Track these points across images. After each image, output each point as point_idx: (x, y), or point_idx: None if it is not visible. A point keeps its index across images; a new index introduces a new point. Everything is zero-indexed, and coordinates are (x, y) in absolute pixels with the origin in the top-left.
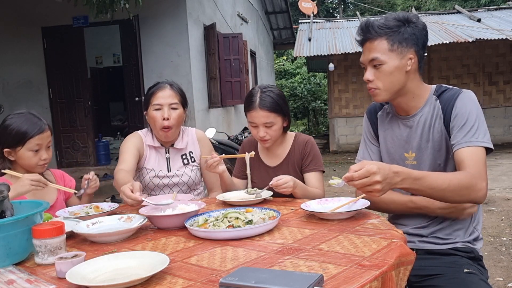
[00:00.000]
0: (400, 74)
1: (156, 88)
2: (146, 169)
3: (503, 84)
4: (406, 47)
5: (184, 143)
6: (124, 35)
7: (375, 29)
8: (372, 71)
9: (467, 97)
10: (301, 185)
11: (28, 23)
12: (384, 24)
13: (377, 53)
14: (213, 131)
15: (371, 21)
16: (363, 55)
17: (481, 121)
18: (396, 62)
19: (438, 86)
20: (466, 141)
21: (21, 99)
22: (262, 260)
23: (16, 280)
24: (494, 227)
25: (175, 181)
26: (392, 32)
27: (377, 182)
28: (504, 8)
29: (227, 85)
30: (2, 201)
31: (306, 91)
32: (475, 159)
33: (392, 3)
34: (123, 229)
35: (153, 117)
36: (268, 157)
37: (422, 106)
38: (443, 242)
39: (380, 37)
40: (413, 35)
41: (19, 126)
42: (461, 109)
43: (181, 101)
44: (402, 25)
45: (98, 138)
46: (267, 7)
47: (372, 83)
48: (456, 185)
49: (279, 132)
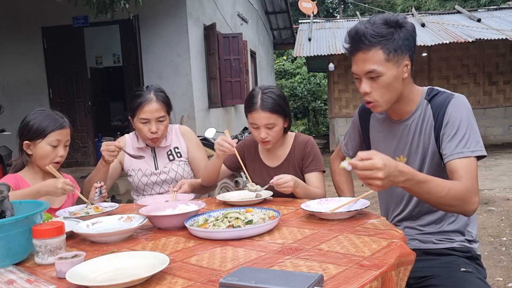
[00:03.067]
0: (397, 83)
1: (142, 101)
2: (134, 170)
3: (503, 84)
4: (402, 54)
5: (169, 141)
6: (124, 35)
7: (368, 39)
8: (369, 82)
9: (459, 103)
10: (302, 185)
11: (28, 23)
12: (377, 32)
13: (374, 65)
14: (213, 131)
15: (362, 30)
16: (357, 66)
17: (472, 128)
18: (394, 72)
19: (429, 89)
20: (458, 152)
21: (21, 99)
22: (262, 260)
23: (16, 280)
24: (494, 227)
25: (163, 178)
26: (386, 41)
27: (379, 178)
28: (504, 8)
29: (227, 85)
30: (2, 201)
31: (306, 91)
32: (468, 170)
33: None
34: (123, 229)
35: (140, 129)
36: (268, 158)
37: (414, 110)
38: (440, 242)
39: (374, 47)
40: (406, 41)
41: (42, 120)
42: (452, 116)
43: (167, 111)
44: (395, 31)
45: (98, 138)
46: (267, 7)
47: (369, 96)
48: (453, 195)
49: (280, 133)
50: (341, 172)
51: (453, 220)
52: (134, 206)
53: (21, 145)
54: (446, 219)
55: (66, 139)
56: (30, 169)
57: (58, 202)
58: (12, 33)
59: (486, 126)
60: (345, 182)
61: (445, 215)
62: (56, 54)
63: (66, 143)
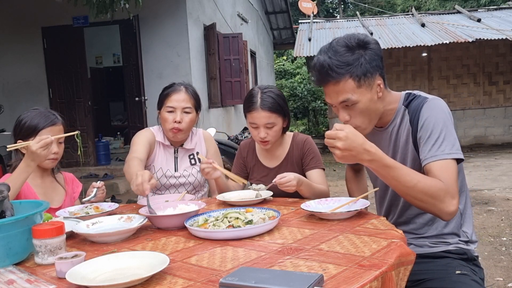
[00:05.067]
0: (374, 104)
1: (171, 90)
2: (154, 168)
3: (503, 84)
4: (372, 76)
5: (193, 144)
6: (124, 35)
7: (335, 70)
8: (346, 111)
9: (433, 105)
10: (306, 182)
11: (28, 23)
12: (342, 62)
13: (347, 94)
14: (213, 131)
15: (327, 62)
16: (330, 98)
17: (448, 130)
18: (368, 96)
19: (407, 94)
20: (432, 155)
21: (21, 99)
22: (262, 260)
23: (16, 280)
24: (494, 227)
25: (182, 181)
26: (354, 68)
27: (338, 148)
28: (504, 8)
29: (227, 85)
30: (2, 201)
31: (306, 91)
32: (443, 171)
33: (392, 3)
34: (123, 229)
35: (165, 118)
36: (267, 159)
37: (393, 117)
38: (435, 245)
39: (343, 77)
40: (373, 62)
41: (32, 118)
42: (426, 120)
43: (195, 105)
44: (360, 55)
45: (98, 138)
46: (267, 7)
47: (350, 123)
48: (421, 189)
49: (279, 133)
50: (352, 180)
51: (445, 222)
52: (134, 206)
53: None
54: (438, 220)
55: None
56: None
57: (58, 201)
58: (12, 33)
59: (486, 126)
60: (356, 190)
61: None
62: (56, 54)
63: (60, 140)
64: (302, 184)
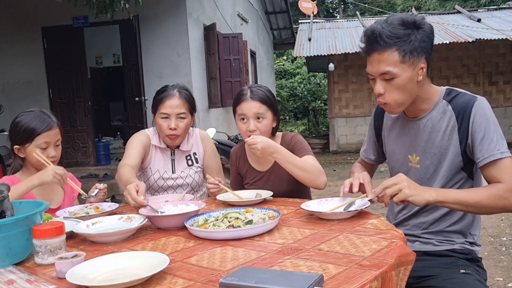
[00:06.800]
0: (412, 85)
1: (164, 96)
2: (151, 170)
3: (503, 84)
4: (418, 56)
5: (190, 145)
6: (124, 35)
7: (384, 39)
8: (383, 83)
9: (484, 105)
10: (282, 151)
11: (28, 23)
12: (393, 33)
13: (389, 66)
14: (213, 131)
15: (378, 30)
16: (372, 67)
17: (499, 130)
18: (409, 73)
19: (448, 90)
20: (490, 154)
21: (21, 99)
22: (262, 260)
23: (16, 280)
24: (494, 227)
25: (179, 182)
26: (402, 42)
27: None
28: (504, 8)
29: (227, 85)
30: (2, 201)
31: (306, 91)
32: (504, 171)
33: (392, 3)
34: (123, 229)
35: (160, 124)
36: (258, 163)
37: (431, 109)
38: (440, 244)
39: (390, 48)
40: (423, 42)
41: (28, 123)
42: (480, 119)
43: (189, 109)
44: (412, 32)
45: (98, 138)
46: (267, 7)
47: (383, 97)
48: (487, 204)
49: (269, 128)
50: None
51: (456, 220)
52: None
53: (12, 149)
54: (446, 218)
55: (56, 139)
56: (26, 171)
57: (57, 202)
58: (12, 33)
59: None
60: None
61: (446, 214)
62: (56, 54)
63: (57, 143)
64: (275, 151)
